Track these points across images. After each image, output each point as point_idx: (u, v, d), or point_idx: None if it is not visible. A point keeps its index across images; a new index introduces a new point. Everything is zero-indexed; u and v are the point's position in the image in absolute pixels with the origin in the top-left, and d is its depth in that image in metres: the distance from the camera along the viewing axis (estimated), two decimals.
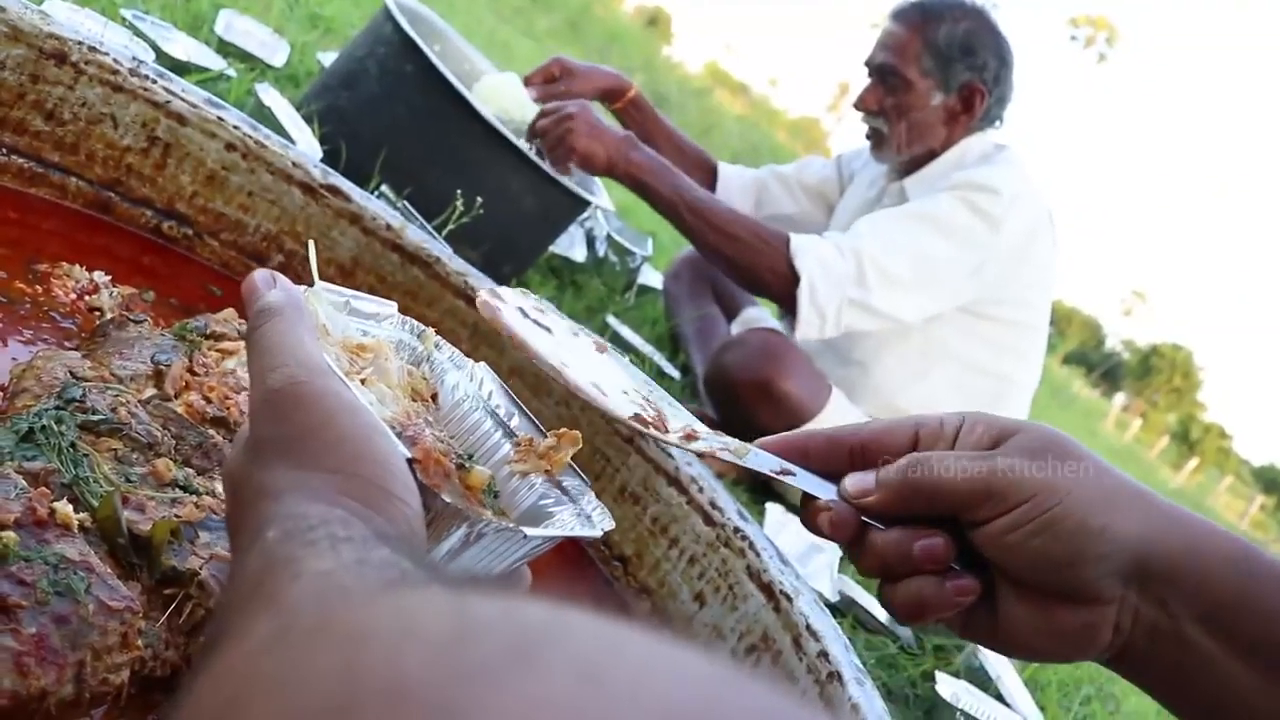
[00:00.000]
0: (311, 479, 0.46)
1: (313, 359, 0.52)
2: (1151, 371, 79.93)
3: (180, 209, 1.22)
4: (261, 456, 0.49)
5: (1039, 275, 2.04)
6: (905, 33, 2.02)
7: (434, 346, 0.74)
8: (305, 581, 0.36)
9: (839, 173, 2.41)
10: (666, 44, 33.11)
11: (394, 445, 0.51)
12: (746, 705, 0.22)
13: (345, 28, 2.92)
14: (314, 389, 0.50)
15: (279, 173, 1.23)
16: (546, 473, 0.69)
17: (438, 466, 0.59)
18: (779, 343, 1.91)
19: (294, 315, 0.55)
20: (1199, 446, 70.47)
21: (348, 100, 1.78)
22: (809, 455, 0.63)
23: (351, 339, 0.66)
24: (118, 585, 0.62)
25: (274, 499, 0.46)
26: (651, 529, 1.22)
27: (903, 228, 1.89)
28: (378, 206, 1.28)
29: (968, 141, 2.09)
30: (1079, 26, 71.22)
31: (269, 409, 0.50)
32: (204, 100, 1.17)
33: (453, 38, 2.18)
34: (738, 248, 1.83)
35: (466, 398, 0.73)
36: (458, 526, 0.54)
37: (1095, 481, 0.56)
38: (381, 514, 0.46)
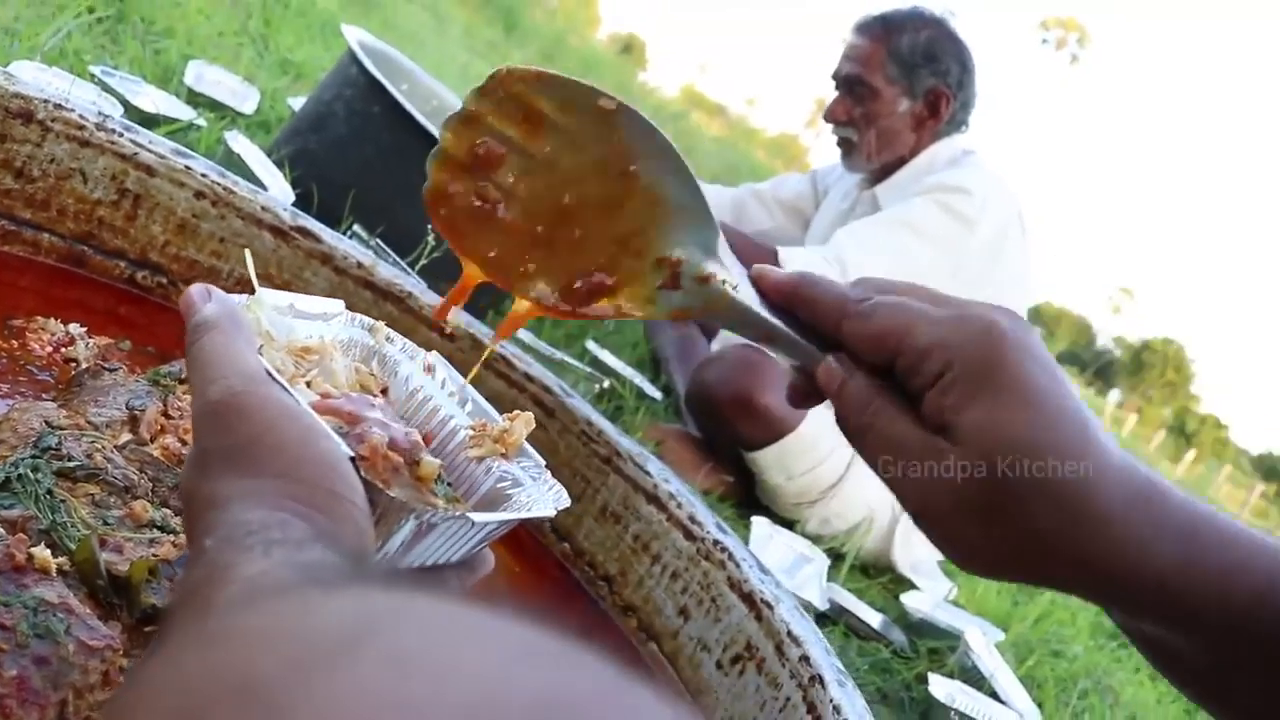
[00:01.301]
0: (255, 485, 0.47)
1: (251, 368, 0.53)
2: (1144, 367, 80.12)
3: (154, 258, 1.24)
4: (207, 468, 0.50)
5: (1013, 273, 2.07)
6: (869, 44, 2.06)
7: (385, 340, 0.76)
8: (234, 587, 0.38)
9: (814, 187, 2.45)
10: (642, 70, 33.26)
11: (337, 446, 0.52)
12: (556, 692, 0.23)
13: (316, 72, 2.95)
14: (254, 398, 0.51)
15: (249, 217, 1.25)
16: (503, 455, 0.71)
17: (386, 461, 0.61)
18: (756, 357, 1.93)
19: (230, 327, 0.56)
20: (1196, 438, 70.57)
21: (317, 143, 1.81)
22: (797, 302, 0.62)
23: (296, 342, 0.68)
24: (98, 625, 0.63)
25: (220, 508, 0.47)
26: (634, 547, 1.23)
27: (882, 234, 1.92)
28: (348, 246, 1.30)
29: (936, 147, 2.13)
30: (1050, 29, 71.79)
31: (211, 421, 0.51)
32: (171, 150, 1.20)
33: (419, 76, 2.21)
34: None
35: (420, 387, 0.75)
36: (406, 519, 0.55)
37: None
38: (326, 514, 0.47)
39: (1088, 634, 2.49)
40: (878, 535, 2.07)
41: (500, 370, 1.32)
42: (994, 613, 2.24)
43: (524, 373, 1.31)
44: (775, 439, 1.91)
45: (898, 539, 2.08)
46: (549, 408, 1.30)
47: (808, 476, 1.95)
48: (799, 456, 1.93)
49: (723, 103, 60.18)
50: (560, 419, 1.29)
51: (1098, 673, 2.24)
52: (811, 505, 2.00)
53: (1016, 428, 0.53)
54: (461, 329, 1.32)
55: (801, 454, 1.93)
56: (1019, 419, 0.53)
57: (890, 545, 2.09)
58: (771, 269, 0.62)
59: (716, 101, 57.48)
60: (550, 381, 1.31)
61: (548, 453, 1.29)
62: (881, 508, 2.05)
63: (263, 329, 0.67)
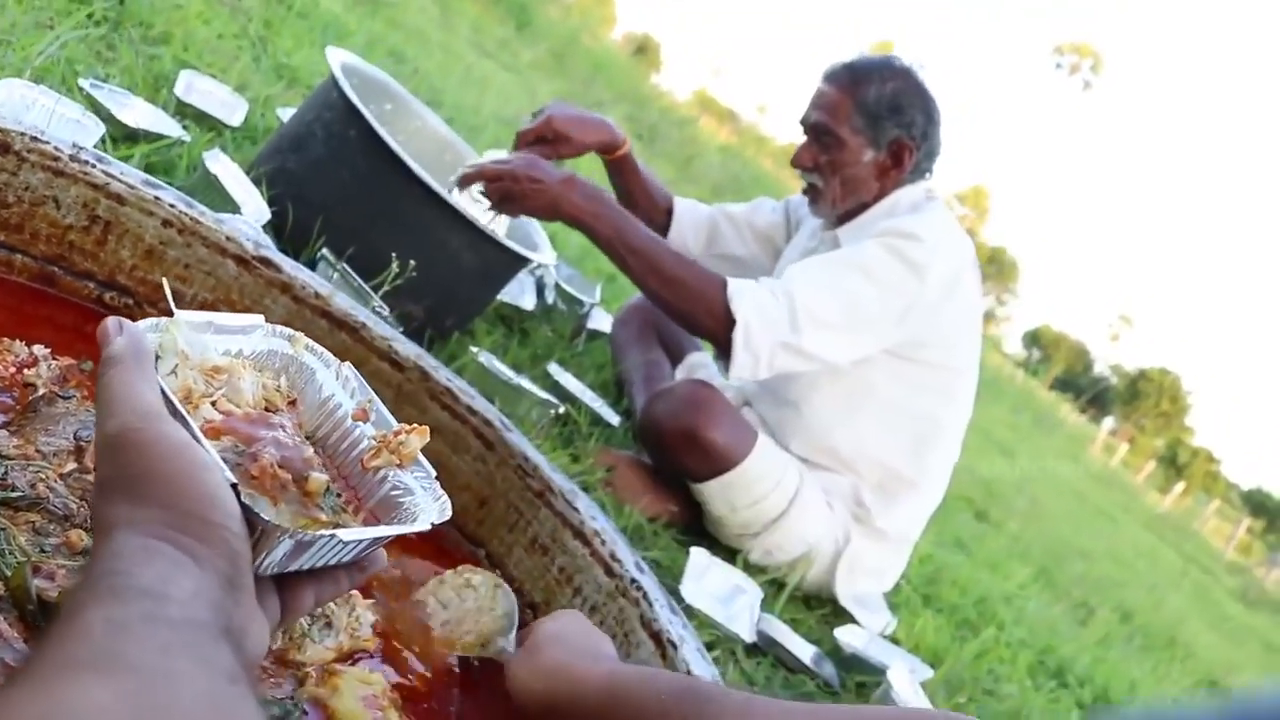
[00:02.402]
0: (140, 514, 0.56)
1: (147, 405, 0.61)
2: (1139, 396, 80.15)
3: (121, 281, 1.31)
4: (104, 495, 0.59)
5: (964, 319, 2.14)
6: (836, 93, 2.12)
7: (305, 349, 0.84)
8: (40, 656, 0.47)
9: (787, 218, 2.51)
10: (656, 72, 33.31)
11: (218, 477, 0.60)
12: None
13: (312, 77, 3.01)
14: (145, 435, 0.59)
15: (214, 246, 1.32)
16: (398, 465, 0.78)
17: (274, 480, 0.69)
18: (705, 393, 2.00)
19: (134, 363, 0.64)
20: (1187, 470, 70.61)
21: (295, 163, 1.88)
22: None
23: (209, 361, 0.75)
24: (23, 649, 0.70)
25: (109, 535, 0.56)
26: (559, 578, 1.31)
27: (832, 273, 1.98)
28: (307, 276, 1.37)
29: (899, 193, 2.19)
30: (1064, 54, 71.92)
31: (107, 453, 0.60)
32: (141, 181, 1.27)
33: (404, 97, 2.28)
34: (676, 290, 1.92)
35: (332, 395, 0.82)
36: (283, 538, 0.62)
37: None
38: (203, 542, 0.56)
39: (1026, 673, 2.56)
40: (821, 567, 2.14)
41: (445, 403, 1.39)
42: (932, 649, 2.30)
43: (467, 405, 1.38)
44: (720, 472, 1.98)
45: (840, 572, 2.15)
46: (489, 441, 1.37)
47: (752, 509, 2.02)
48: (743, 490, 2.00)
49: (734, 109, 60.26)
50: (499, 452, 1.36)
51: (1028, 712, 2.31)
52: (755, 536, 2.07)
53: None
54: (410, 361, 1.39)
55: (746, 488, 2.00)
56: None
57: (833, 578, 2.16)
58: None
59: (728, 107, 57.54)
60: (492, 416, 1.38)
61: (486, 484, 1.38)
62: (825, 541, 2.12)
63: (179, 349, 0.74)
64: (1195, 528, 31.58)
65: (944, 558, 3.09)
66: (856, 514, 2.15)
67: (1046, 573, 4.43)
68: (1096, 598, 4.58)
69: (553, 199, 1.92)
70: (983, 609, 2.85)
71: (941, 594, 2.73)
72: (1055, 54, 72.67)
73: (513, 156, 1.99)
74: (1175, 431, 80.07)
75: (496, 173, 1.93)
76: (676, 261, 1.94)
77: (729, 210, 2.56)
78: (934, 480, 2.22)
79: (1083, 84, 72.27)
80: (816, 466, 2.16)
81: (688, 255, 2.53)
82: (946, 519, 3.87)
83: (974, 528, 4.19)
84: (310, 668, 0.99)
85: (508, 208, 1.96)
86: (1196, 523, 35.43)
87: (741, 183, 11.83)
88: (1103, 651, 3.34)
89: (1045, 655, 2.85)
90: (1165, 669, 3.97)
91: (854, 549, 2.13)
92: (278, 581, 0.66)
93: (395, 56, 4.48)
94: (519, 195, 1.92)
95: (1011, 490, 6.56)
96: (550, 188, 1.91)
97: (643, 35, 47.52)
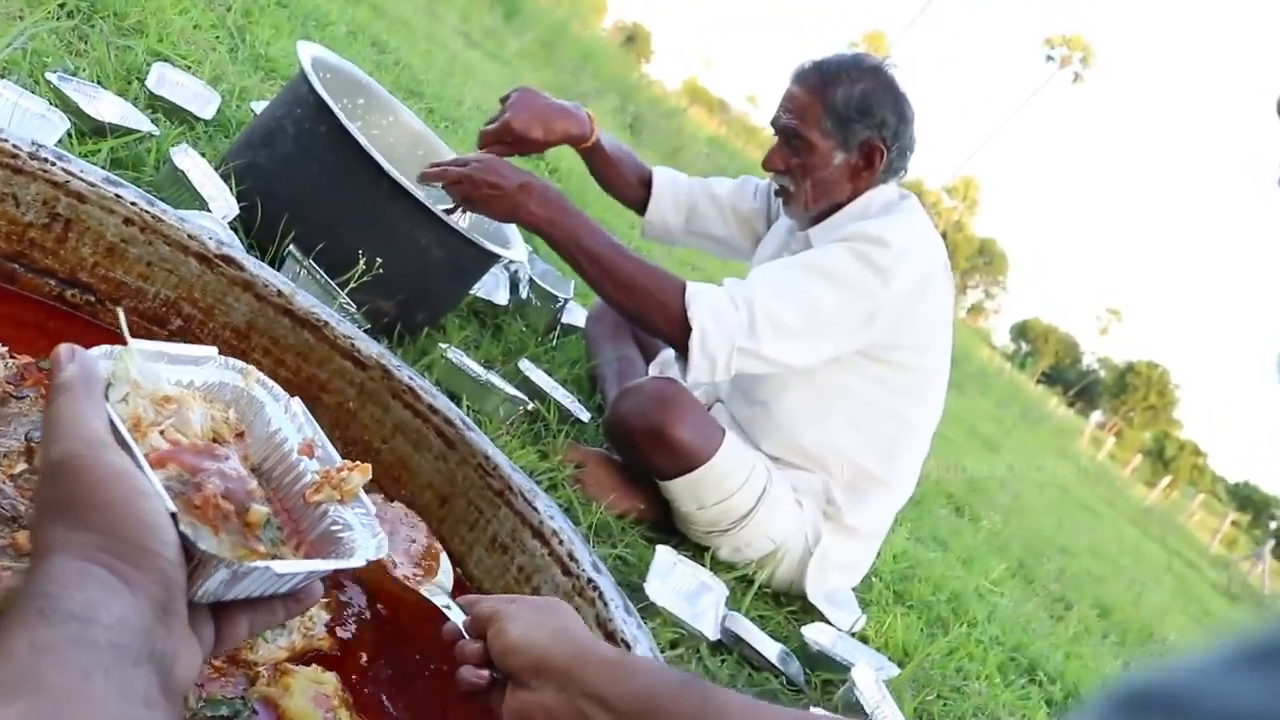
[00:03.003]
0: (77, 538, 0.57)
1: (92, 432, 0.62)
2: (1127, 389, 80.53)
3: (83, 278, 1.31)
4: (45, 517, 0.60)
5: (934, 320, 2.14)
6: (805, 96, 2.12)
7: (255, 382, 0.85)
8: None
9: (768, 204, 2.51)
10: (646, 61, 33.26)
11: (157, 505, 0.61)
12: None
13: (289, 68, 3.00)
14: (87, 461, 0.60)
15: (176, 244, 1.32)
16: (339, 501, 0.80)
17: (217, 510, 0.70)
18: (672, 390, 2.01)
19: (83, 390, 0.65)
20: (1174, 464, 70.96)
21: (265, 158, 1.88)
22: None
23: (160, 391, 0.76)
24: None
25: (46, 556, 0.57)
26: (518, 578, 1.31)
27: (794, 278, 1.98)
28: (269, 274, 1.37)
29: (871, 193, 2.19)
30: (1055, 47, 71.91)
31: (50, 477, 0.61)
32: (102, 179, 1.26)
33: (377, 91, 2.27)
34: (634, 296, 1.92)
35: (279, 429, 0.84)
36: (219, 567, 0.64)
37: (538, 619, 0.91)
38: (137, 568, 0.57)
39: (995, 671, 2.57)
40: (790, 564, 2.15)
41: (407, 401, 1.39)
42: (901, 646, 2.32)
43: (429, 404, 1.39)
44: (687, 470, 1.99)
45: (811, 569, 2.16)
46: (450, 440, 1.37)
47: (719, 507, 2.03)
48: (710, 487, 2.01)
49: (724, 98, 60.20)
50: (460, 451, 1.37)
51: (995, 708, 2.32)
52: (724, 534, 2.08)
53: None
54: (373, 359, 1.39)
55: (713, 485, 2.01)
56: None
57: (802, 574, 2.17)
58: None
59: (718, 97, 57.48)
60: (453, 414, 1.38)
61: (447, 482, 1.38)
62: (794, 538, 2.13)
63: (131, 378, 0.75)
64: (1181, 521, 31.76)
65: (919, 554, 3.11)
66: (827, 511, 2.16)
67: (1025, 568, 4.46)
68: (1075, 593, 4.61)
69: (510, 205, 1.92)
70: (955, 605, 2.86)
71: (914, 591, 2.74)
72: (1046, 46, 72.70)
73: (472, 158, 1.98)
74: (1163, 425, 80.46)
75: (455, 176, 1.93)
76: (634, 267, 1.94)
77: (713, 189, 2.55)
78: (903, 479, 2.23)
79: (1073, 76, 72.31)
80: (787, 465, 2.17)
81: (667, 231, 2.54)
82: (925, 514, 3.89)
83: (952, 523, 4.21)
84: (262, 667, 0.99)
85: (469, 208, 1.97)
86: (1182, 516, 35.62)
87: (728, 174, 11.79)
88: (1076, 648, 3.35)
89: (1017, 652, 2.87)
90: (1140, 665, 3.99)
91: (824, 546, 2.14)
92: (214, 609, 0.67)
93: (378, 46, 4.47)
94: (476, 199, 1.92)
95: (995, 485, 6.59)
96: (506, 194, 1.91)
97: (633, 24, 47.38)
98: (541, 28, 11.49)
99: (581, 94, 10.05)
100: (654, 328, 1.94)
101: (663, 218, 2.51)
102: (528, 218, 1.92)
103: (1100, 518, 12.29)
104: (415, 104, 3.97)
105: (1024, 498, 7.13)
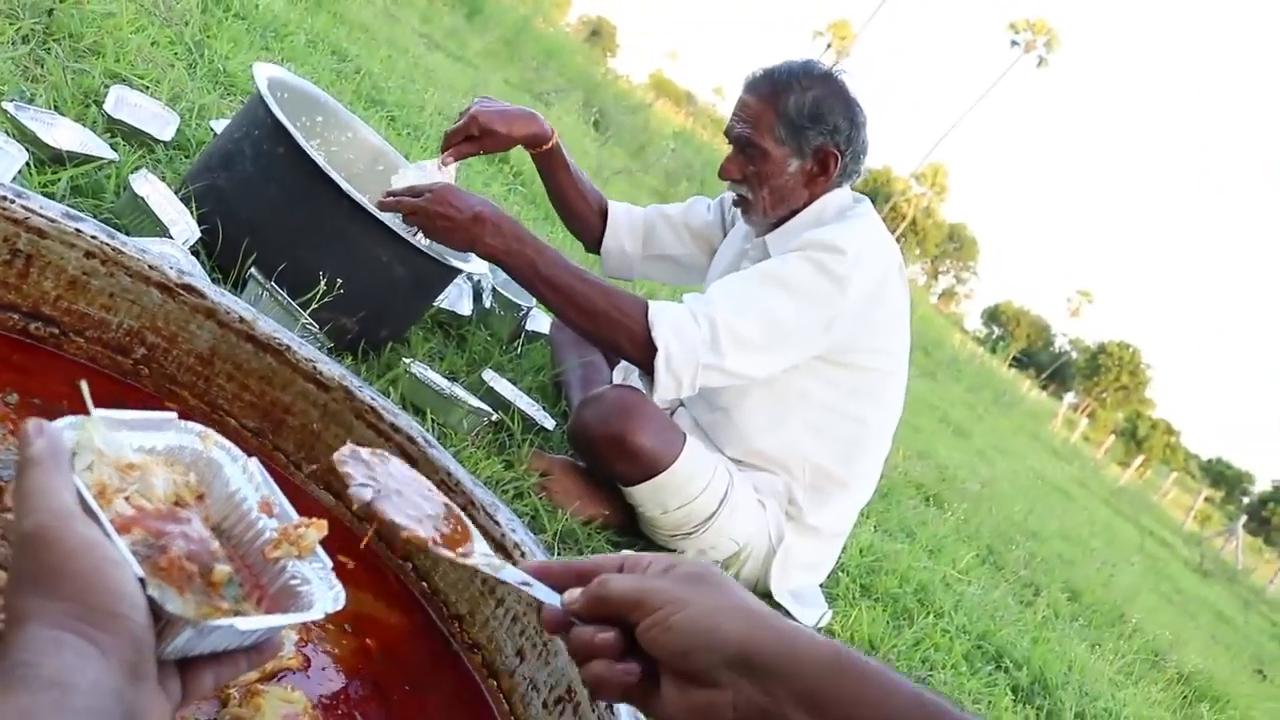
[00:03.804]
0: (51, 606, 0.62)
1: (61, 505, 0.67)
2: (1099, 370, 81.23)
3: (46, 311, 1.33)
4: (18, 587, 0.64)
5: (890, 324, 2.19)
6: (758, 104, 2.16)
7: (214, 445, 0.89)
8: None
9: (721, 216, 2.56)
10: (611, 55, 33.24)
11: (126, 572, 0.65)
12: None
13: (248, 83, 3.01)
14: (56, 533, 0.65)
15: (137, 275, 1.35)
16: (297, 556, 0.84)
17: (181, 571, 0.74)
18: (632, 399, 2.04)
19: (51, 464, 0.69)
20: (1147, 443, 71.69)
21: (225, 181, 1.90)
22: (551, 575, 0.84)
23: (124, 458, 0.80)
24: None
25: (21, 625, 0.61)
26: (482, 590, 1.35)
27: (753, 290, 2.02)
28: (230, 301, 1.40)
29: (826, 198, 2.23)
30: (1019, 31, 72.34)
31: (22, 549, 0.65)
32: (61, 214, 1.29)
33: (334, 108, 2.29)
34: (596, 321, 1.95)
35: (238, 489, 0.88)
36: (185, 627, 0.68)
37: (712, 598, 0.75)
38: (105, 631, 0.62)
39: (962, 659, 2.62)
40: (755, 564, 2.20)
41: (370, 421, 1.42)
42: (867, 639, 2.37)
43: (390, 423, 1.42)
44: (650, 476, 2.03)
45: (775, 568, 2.20)
46: (413, 457, 1.41)
47: (682, 510, 2.07)
48: (673, 492, 2.05)
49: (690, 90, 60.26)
50: (423, 468, 1.40)
51: (960, 696, 2.37)
52: (688, 537, 2.12)
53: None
54: (335, 381, 1.42)
55: (676, 490, 2.05)
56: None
57: (768, 573, 2.21)
58: (525, 563, 0.89)
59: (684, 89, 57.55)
60: (414, 432, 1.42)
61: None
62: (758, 538, 2.17)
63: (95, 446, 0.79)
64: (1155, 500, 32.09)
65: (886, 546, 3.16)
66: (789, 511, 2.21)
67: (994, 554, 4.52)
68: (1044, 578, 4.68)
69: (465, 237, 1.94)
70: (922, 596, 2.92)
71: (880, 584, 2.79)
72: (1010, 31, 73.11)
73: (425, 188, 1.98)
74: (1135, 405, 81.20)
75: (410, 207, 1.95)
76: (594, 292, 1.97)
77: (665, 211, 2.60)
78: (864, 479, 2.28)
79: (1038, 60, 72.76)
80: (749, 467, 2.21)
81: (624, 258, 2.57)
82: (892, 506, 3.94)
83: (921, 513, 4.26)
84: (233, 688, 1.03)
85: (426, 236, 1.99)
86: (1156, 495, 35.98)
87: (694, 169, 11.86)
88: (1044, 633, 3.42)
89: (983, 640, 2.93)
90: (1108, 646, 4.06)
91: (787, 545, 2.19)
92: (180, 664, 0.71)
93: (338, 55, 4.48)
94: (431, 230, 1.95)
95: (965, 473, 6.67)
96: (460, 225, 1.93)
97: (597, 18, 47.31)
98: (504, 26, 11.45)
99: (546, 91, 10.06)
100: (619, 349, 1.98)
101: (620, 245, 2.54)
102: (483, 249, 1.94)
103: (1073, 500, 12.43)
104: (377, 113, 3.98)
105: (995, 483, 7.21)
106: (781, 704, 0.70)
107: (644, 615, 0.74)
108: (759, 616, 0.74)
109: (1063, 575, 5.18)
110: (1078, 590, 5.03)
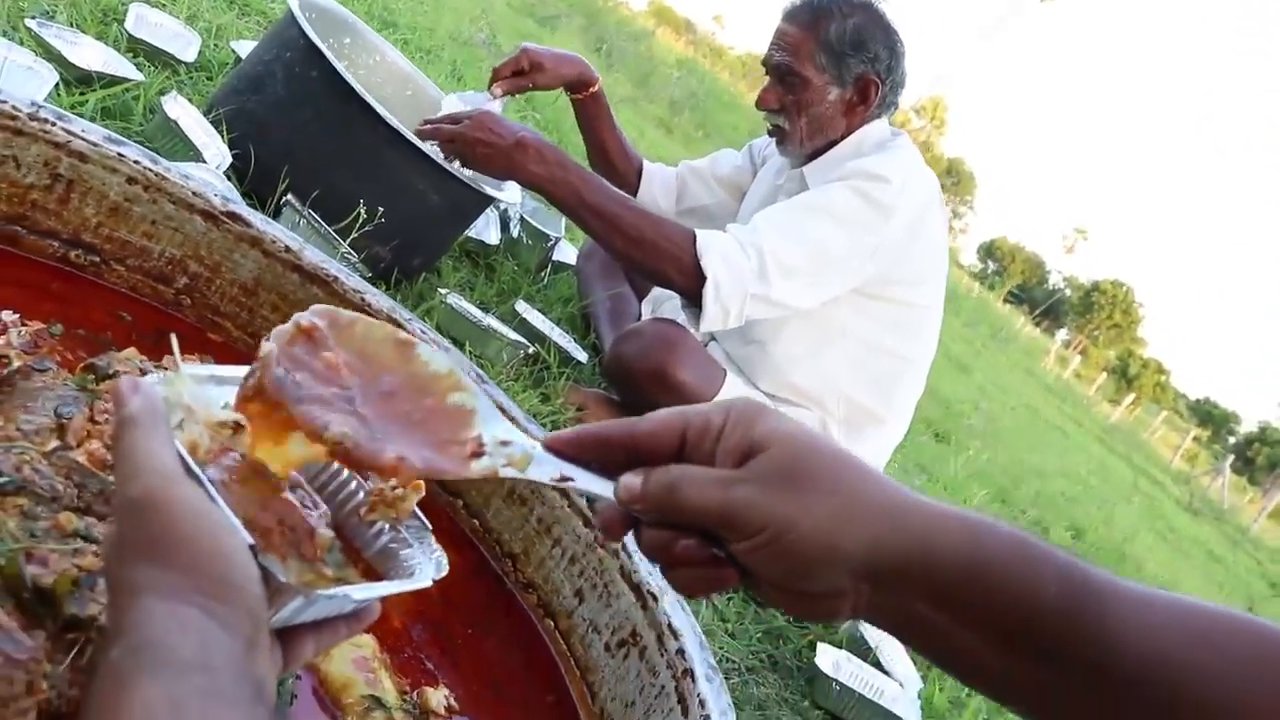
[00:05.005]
0: (164, 577, 0.57)
1: (167, 467, 0.62)
2: (1093, 308, 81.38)
3: (86, 239, 1.28)
4: (124, 554, 0.59)
5: (930, 257, 2.15)
6: (798, 32, 2.10)
7: None
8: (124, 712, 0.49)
9: (751, 160, 2.51)
10: None
11: (238, 540, 0.61)
12: None
13: (262, 2, 2.94)
14: (165, 496, 0.60)
15: (180, 202, 1.30)
16: (394, 519, 0.80)
17: (283, 537, 0.70)
18: (673, 332, 2.01)
19: (150, 424, 0.64)
20: (1137, 382, 72.03)
21: (256, 104, 1.84)
22: (585, 450, 0.69)
23: (214, 416, 0.75)
24: (22, 638, 0.70)
25: (133, 595, 0.56)
26: (537, 529, 1.32)
27: (799, 219, 1.98)
28: (276, 230, 1.35)
29: (865, 129, 2.18)
30: None
31: (130, 514, 0.60)
32: (104, 138, 1.24)
33: (362, 30, 2.22)
34: (643, 249, 1.90)
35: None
36: (295, 595, 0.65)
37: (819, 506, 0.61)
38: (223, 603, 0.57)
39: None
40: None
41: None
42: None
43: None
44: None
45: None
46: None
47: None
48: None
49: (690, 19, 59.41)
50: None
51: None
52: None
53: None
54: (384, 313, 1.38)
55: None
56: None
57: None
58: (557, 436, 0.70)
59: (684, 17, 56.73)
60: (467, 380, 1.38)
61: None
62: None
63: (184, 403, 0.74)
64: (1145, 438, 32.33)
65: (906, 483, 3.15)
66: None
67: (1005, 492, 4.53)
68: (1051, 516, 4.70)
69: (506, 163, 1.88)
70: None
71: None
72: None
73: (464, 114, 1.93)
74: (1127, 343, 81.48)
75: (450, 134, 1.89)
76: (641, 219, 1.92)
77: (693, 166, 2.58)
78: (899, 415, 2.25)
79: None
80: (784, 402, 2.18)
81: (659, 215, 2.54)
82: (908, 443, 3.94)
83: (934, 450, 4.26)
84: None
85: (465, 166, 1.94)
86: (1146, 433, 36.25)
87: (699, 98, 11.72)
88: None
89: None
90: None
91: None
92: (280, 632, 0.67)
93: None
94: (471, 158, 1.89)
95: (969, 408, 6.67)
96: (501, 151, 1.88)
97: None
98: None
99: (550, 16, 9.89)
100: (665, 279, 1.93)
101: (655, 201, 2.50)
102: (526, 175, 1.89)
103: (1069, 437, 12.50)
104: (391, 35, 3.89)
105: (997, 420, 7.23)
106: (912, 602, 0.61)
107: (739, 537, 0.62)
108: (883, 515, 0.61)
109: (1067, 513, 5.22)
110: (1081, 529, 5.07)
